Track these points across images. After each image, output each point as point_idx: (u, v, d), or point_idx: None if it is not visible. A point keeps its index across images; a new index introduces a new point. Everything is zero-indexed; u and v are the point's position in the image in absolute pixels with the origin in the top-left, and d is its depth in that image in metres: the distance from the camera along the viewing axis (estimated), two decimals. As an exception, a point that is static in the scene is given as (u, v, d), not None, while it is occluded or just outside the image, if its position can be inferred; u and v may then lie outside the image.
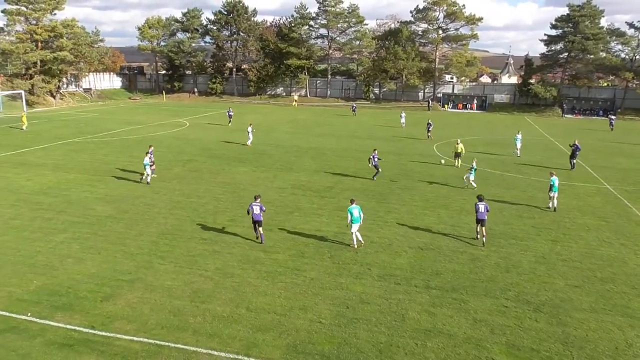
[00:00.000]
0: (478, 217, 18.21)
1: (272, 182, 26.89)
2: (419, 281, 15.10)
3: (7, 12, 63.79)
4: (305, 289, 14.40)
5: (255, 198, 17.92)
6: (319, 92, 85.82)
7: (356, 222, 17.27)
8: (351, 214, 17.21)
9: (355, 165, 31.61)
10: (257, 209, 17.64)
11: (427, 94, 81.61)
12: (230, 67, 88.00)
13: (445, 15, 77.81)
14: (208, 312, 12.99)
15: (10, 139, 39.75)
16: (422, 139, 43.73)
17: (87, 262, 15.91)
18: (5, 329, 12.02)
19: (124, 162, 31.29)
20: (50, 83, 67.12)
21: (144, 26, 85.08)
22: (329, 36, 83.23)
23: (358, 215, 17.28)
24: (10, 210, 21.12)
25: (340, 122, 57.00)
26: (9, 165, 29.86)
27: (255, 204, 17.72)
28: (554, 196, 22.58)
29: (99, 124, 49.61)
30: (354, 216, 17.20)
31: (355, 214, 17.23)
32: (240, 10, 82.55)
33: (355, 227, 17.39)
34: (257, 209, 17.65)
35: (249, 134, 38.37)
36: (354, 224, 17.31)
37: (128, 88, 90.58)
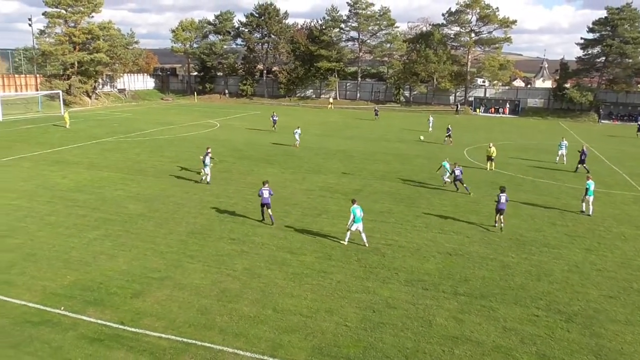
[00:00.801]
0: (498, 206, 19.78)
1: (301, 184, 26.96)
2: (447, 287, 14.89)
3: (48, 15, 65.82)
4: (331, 292, 14.37)
5: (264, 183, 19.87)
6: (349, 94, 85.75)
7: (358, 221, 17.65)
8: (354, 214, 17.56)
9: (383, 169, 31.43)
10: (266, 193, 19.54)
11: (458, 98, 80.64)
12: (261, 69, 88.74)
13: (478, 18, 76.74)
14: (235, 311, 13.09)
15: (47, 137, 40.97)
16: (445, 143, 43.16)
17: (119, 259, 16.23)
18: (39, 321, 12.36)
19: (155, 161, 31.87)
20: (87, 83, 68.94)
21: (177, 28, 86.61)
22: (360, 39, 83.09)
23: (360, 215, 17.68)
24: (46, 206, 21.74)
25: (369, 125, 56.79)
26: (46, 163, 30.76)
27: (264, 188, 19.67)
28: (590, 200, 22.33)
29: (132, 124, 50.68)
30: (356, 216, 17.56)
31: (357, 213, 17.61)
32: (271, 13, 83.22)
33: (357, 226, 17.72)
34: (266, 193, 19.56)
35: (295, 134, 38.64)
36: (356, 224, 17.66)
37: (161, 89, 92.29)
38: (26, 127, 46.47)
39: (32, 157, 32.49)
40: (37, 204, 21.99)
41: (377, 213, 21.97)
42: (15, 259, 16.00)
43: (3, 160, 31.05)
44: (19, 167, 29.44)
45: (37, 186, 25.04)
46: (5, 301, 13.29)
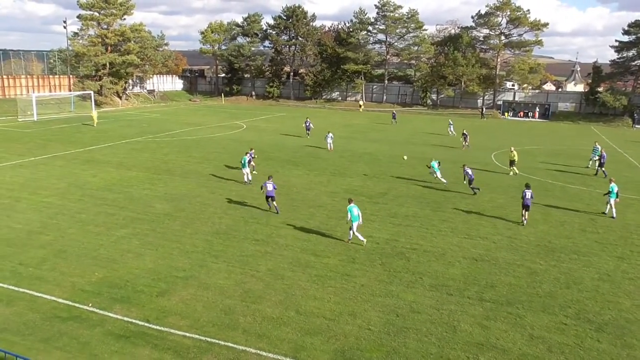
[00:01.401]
0: (524, 202, 20.87)
1: (326, 187, 26.95)
2: (473, 293, 14.67)
3: (81, 17, 67.47)
4: (355, 295, 14.31)
5: (269, 177, 21.21)
6: (375, 97, 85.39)
7: (355, 220, 18.03)
8: (351, 212, 18.02)
9: (409, 172, 31.19)
10: (270, 187, 21.08)
11: (486, 101, 79.50)
12: (288, 71, 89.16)
13: (508, 21, 75.51)
14: (258, 312, 13.15)
15: (79, 137, 41.96)
16: (463, 148, 42.57)
17: (145, 258, 16.49)
18: (68, 317, 12.64)
19: (182, 161, 32.31)
20: (117, 84, 70.36)
21: (206, 30, 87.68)
22: (387, 41, 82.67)
23: (357, 214, 18.08)
24: (76, 204, 22.26)
25: (395, 127, 56.46)
26: (77, 161, 31.50)
27: (268, 182, 21.26)
28: (613, 203, 22.41)
29: (160, 125, 51.52)
30: (353, 215, 18.02)
31: (354, 212, 18.04)
32: (299, 15, 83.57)
33: (355, 225, 18.05)
34: (271, 186, 21.10)
35: (327, 138, 38.32)
36: (354, 222, 18.03)
37: (189, 90, 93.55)
38: (59, 127, 47.69)
39: (64, 155, 33.32)
40: (68, 202, 22.53)
41: (402, 217, 21.82)
42: (47, 255, 16.42)
43: (38, 159, 31.94)
44: (52, 165, 30.23)
45: (68, 184, 25.66)
46: (36, 296, 13.65)
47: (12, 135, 41.97)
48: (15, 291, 13.92)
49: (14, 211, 21.01)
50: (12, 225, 19.18)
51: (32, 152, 34.02)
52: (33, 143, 38.04)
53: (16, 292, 13.85)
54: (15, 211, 21.02)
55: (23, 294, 13.79)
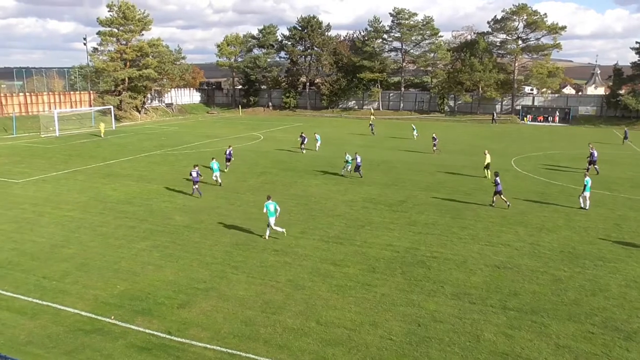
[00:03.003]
0: (497, 189, 24.28)
1: (344, 195, 26.88)
2: (495, 301, 14.41)
3: (101, 33, 68.84)
4: (375, 305, 14.17)
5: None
6: (392, 105, 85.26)
7: (271, 215, 19.29)
8: (267, 208, 19.28)
9: (428, 180, 30.96)
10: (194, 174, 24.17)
11: (505, 106, 78.79)
12: (304, 82, 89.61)
13: (525, 25, 74.95)
14: (279, 323, 13.10)
15: (100, 151, 42.62)
16: (495, 154, 42.12)
17: (166, 270, 16.59)
18: (91, 330, 12.75)
19: (201, 173, 32.48)
20: (136, 99, 71.44)
21: (222, 43, 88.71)
22: (403, 49, 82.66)
23: (274, 210, 19.39)
24: (98, 217, 22.55)
25: (412, 135, 56.15)
26: (98, 175, 31.98)
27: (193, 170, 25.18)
28: (587, 196, 24.06)
29: (179, 137, 52.08)
30: (269, 211, 19.26)
31: (271, 208, 19.33)
32: (314, 26, 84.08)
33: (272, 220, 19.34)
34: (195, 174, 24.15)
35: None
36: (270, 218, 19.29)
37: (206, 103, 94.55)
38: (80, 142, 48.54)
39: (85, 170, 33.86)
40: (89, 216, 22.84)
41: (422, 225, 21.62)
42: (69, 269, 16.63)
43: (60, 174, 32.50)
44: (73, 180, 30.72)
45: (89, 198, 26.03)
46: (60, 309, 13.81)
47: (35, 151, 42.83)
48: (39, 304, 14.11)
49: (37, 225, 21.38)
50: (36, 239, 19.51)
51: (55, 167, 34.65)
52: (55, 158, 38.76)
53: (40, 305, 14.04)
54: (38, 225, 21.38)
55: (47, 307, 13.97)
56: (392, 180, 30.69)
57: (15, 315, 13.49)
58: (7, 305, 14.09)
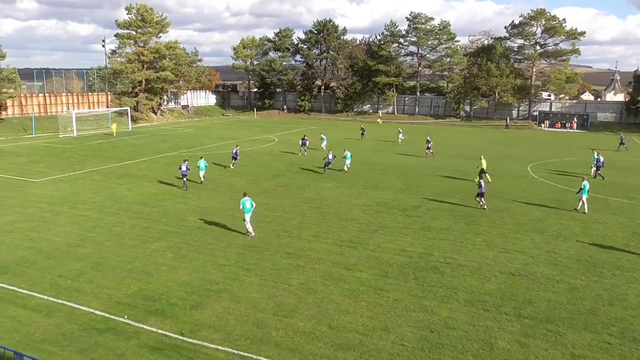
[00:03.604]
0: (480, 191, 24.90)
1: (357, 199, 26.81)
2: (510, 309, 14.24)
3: (119, 36, 69.68)
4: (388, 310, 14.08)
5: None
6: (407, 109, 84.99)
7: (248, 212, 19.97)
8: (243, 205, 19.93)
9: (442, 185, 30.76)
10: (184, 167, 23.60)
11: (522, 112, 78.06)
12: (319, 85, 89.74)
13: (543, 30, 74.25)
14: (290, 326, 13.07)
15: (116, 152, 43.08)
16: (511, 160, 41.69)
17: (179, 271, 16.68)
18: (104, 329, 12.85)
19: (215, 175, 32.71)
20: (153, 100, 72.13)
21: (238, 46, 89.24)
22: (419, 53, 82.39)
23: (250, 206, 20.08)
24: (113, 218, 22.76)
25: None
26: (114, 176, 32.31)
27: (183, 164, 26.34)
28: (584, 199, 24.23)
29: (194, 139, 52.44)
30: (245, 207, 19.93)
31: (247, 205, 19.99)
32: (330, 29, 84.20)
33: (248, 216, 19.99)
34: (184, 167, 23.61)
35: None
36: (246, 214, 19.94)
37: (222, 105, 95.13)
38: (97, 142, 49.11)
39: (102, 170, 34.23)
40: (105, 215, 23.07)
41: (435, 230, 21.47)
42: (85, 268, 16.80)
43: (77, 174, 32.90)
44: (90, 180, 31.08)
45: (105, 198, 26.30)
46: (74, 308, 13.94)
47: (53, 150, 43.44)
48: (54, 302, 14.26)
49: (54, 224, 21.64)
50: (52, 238, 19.75)
51: (72, 167, 35.08)
52: (73, 158, 39.25)
53: (55, 304, 14.19)
54: (55, 224, 21.65)
55: (62, 305, 14.12)
56: (407, 185, 30.54)
57: (31, 313, 13.65)
58: (23, 302, 14.27)
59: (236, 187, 29.12)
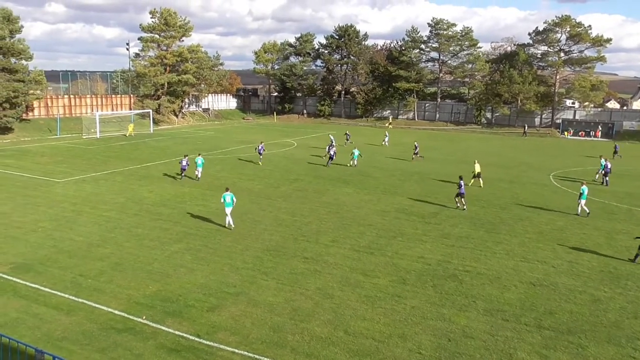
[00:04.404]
0: (460, 191, 25.91)
1: (376, 205, 26.69)
2: (530, 319, 13.99)
3: (143, 39, 70.73)
4: (405, 317, 13.96)
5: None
6: (427, 115, 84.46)
7: (228, 206, 21.29)
8: (224, 199, 21.38)
9: (462, 192, 30.42)
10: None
11: (544, 120, 76.96)
12: (339, 90, 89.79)
13: (568, 37, 73.15)
14: (307, 331, 13.04)
15: (138, 154, 43.66)
16: (532, 168, 41.08)
17: (197, 273, 16.78)
18: (123, 329, 12.98)
19: (235, 178, 32.91)
20: (174, 103, 72.94)
21: (259, 51, 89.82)
22: (440, 59, 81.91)
23: (230, 201, 21.33)
24: (133, 219, 23.03)
25: (447, 146, 55.55)
26: (135, 177, 32.72)
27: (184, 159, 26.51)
28: (582, 203, 24.93)
29: (214, 142, 52.85)
30: (226, 202, 21.30)
31: (227, 200, 21.30)
32: (351, 35, 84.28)
33: (228, 210, 21.34)
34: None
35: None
36: (227, 208, 21.29)
37: (242, 109, 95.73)
38: (120, 144, 49.83)
39: (123, 171, 34.71)
40: (125, 216, 23.36)
41: (455, 238, 21.25)
42: (105, 268, 17.02)
43: (99, 174, 33.41)
44: (111, 181, 31.53)
45: (126, 199, 26.64)
46: (94, 307, 14.13)
47: (76, 151, 44.21)
48: (75, 301, 14.47)
49: (76, 224, 21.99)
50: (74, 238, 20.06)
51: (94, 168, 35.64)
52: (95, 159, 39.89)
53: (76, 302, 14.39)
54: (77, 224, 21.99)
55: (82, 304, 14.31)
56: (425, 192, 30.30)
57: (52, 311, 13.86)
58: (45, 300, 14.51)
59: (255, 191, 29.28)
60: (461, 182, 26.07)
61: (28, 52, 54.16)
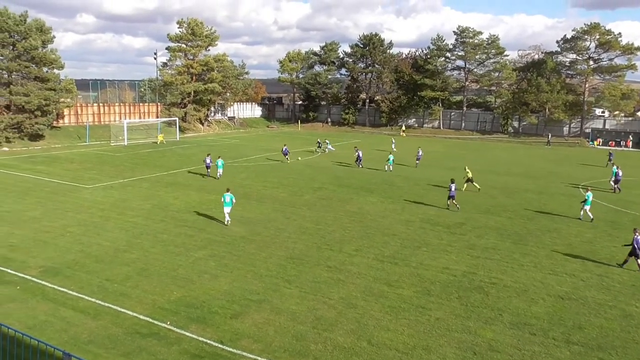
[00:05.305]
0: (450, 194, 27.18)
1: (400, 215, 26.49)
2: (558, 334, 13.64)
3: (170, 49, 72.08)
4: (429, 329, 13.76)
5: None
6: (453, 124, 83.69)
7: (226, 205, 22.81)
8: (224, 199, 22.87)
9: (488, 202, 30.00)
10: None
11: (573, 129, 75.46)
12: (364, 98, 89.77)
13: (597, 45, 71.75)
14: (329, 340, 12.96)
15: (164, 161, 44.32)
16: (560, 177, 40.25)
17: (221, 280, 16.88)
18: (148, 333, 13.12)
19: (259, 186, 33.09)
20: (200, 111, 73.97)
21: (284, 59, 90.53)
22: (466, 67, 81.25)
23: (229, 201, 22.82)
24: (159, 225, 23.34)
25: (473, 155, 54.89)
26: (161, 184, 33.20)
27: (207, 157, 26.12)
28: (587, 209, 25.61)
29: (239, 150, 53.32)
30: (225, 201, 22.80)
31: (227, 199, 22.77)
32: (376, 43, 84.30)
33: (227, 209, 22.87)
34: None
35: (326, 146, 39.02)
36: (225, 207, 22.84)
37: (267, 117, 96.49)
38: (147, 151, 50.68)
39: (150, 178, 35.26)
40: (151, 222, 23.69)
41: (481, 249, 20.91)
42: (131, 273, 17.26)
43: (126, 181, 34.02)
44: (138, 187, 32.05)
45: (152, 206, 27.02)
46: (120, 312, 14.32)
47: (105, 158, 45.12)
48: (101, 305, 14.69)
49: (103, 229, 22.39)
50: (102, 243, 20.42)
51: (122, 175, 36.30)
52: (123, 166, 40.63)
53: (102, 307, 14.62)
54: (104, 229, 22.39)
55: (108, 308, 14.52)
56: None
57: (79, 315, 14.10)
58: (72, 304, 14.77)
59: (279, 198, 29.38)
60: (451, 185, 27.25)
61: (59, 62, 55.67)
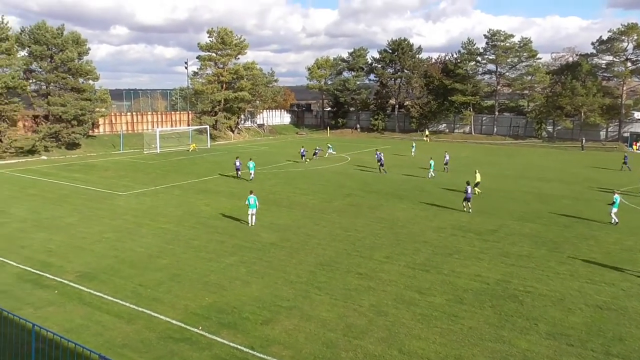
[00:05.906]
0: (467, 196, 27.84)
1: (431, 221, 26.17)
2: (597, 345, 13.19)
3: (200, 58, 73.35)
4: (462, 338, 13.50)
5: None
6: (485, 129, 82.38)
7: (252, 207, 24.06)
8: (248, 201, 24.12)
9: (522, 209, 29.36)
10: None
11: (611, 133, 73.28)
12: (393, 104, 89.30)
13: (635, 46, 69.61)
14: (360, 348, 12.85)
15: (195, 168, 44.99)
16: (599, 183, 39.10)
17: (252, 286, 16.97)
18: (180, 338, 13.27)
19: (288, 192, 33.23)
20: (231, 119, 74.91)
21: (313, 66, 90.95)
22: (497, 71, 79.98)
23: (254, 203, 24.04)
24: (191, 231, 23.66)
25: (506, 161, 53.91)
26: (192, 191, 33.69)
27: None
28: (614, 211, 25.65)
29: (268, 157, 53.70)
30: (250, 203, 24.02)
31: (251, 202, 24.03)
32: (405, 48, 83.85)
33: (251, 211, 24.10)
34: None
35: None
36: (251, 209, 24.05)
37: (296, 124, 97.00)
38: (178, 159, 51.57)
39: (181, 185, 35.83)
40: (183, 229, 24.03)
41: (515, 257, 20.45)
42: (163, 278, 17.52)
43: (158, 188, 34.65)
44: (170, 194, 32.60)
45: (184, 212, 27.43)
46: (153, 316, 14.54)
47: (138, 166, 46.11)
48: (135, 310, 14.95)
49: (137, 235, 22.83)
50: (135, 249, 20.82)
51: (154, 182, 37.00)
52: (155, 173, 41.43)
53: (136, 311, 14.87)
54: (138, 235, 22.83)
55: (142, 313, 14.77)
56: (483, 207, 29.42)
57: (114, 319, 14.38)
58: (107, 308, 15.08)
59: (309, 205, 29.43)
60: (467, 187, 28.01)
61: (95, 73, 57.33)
